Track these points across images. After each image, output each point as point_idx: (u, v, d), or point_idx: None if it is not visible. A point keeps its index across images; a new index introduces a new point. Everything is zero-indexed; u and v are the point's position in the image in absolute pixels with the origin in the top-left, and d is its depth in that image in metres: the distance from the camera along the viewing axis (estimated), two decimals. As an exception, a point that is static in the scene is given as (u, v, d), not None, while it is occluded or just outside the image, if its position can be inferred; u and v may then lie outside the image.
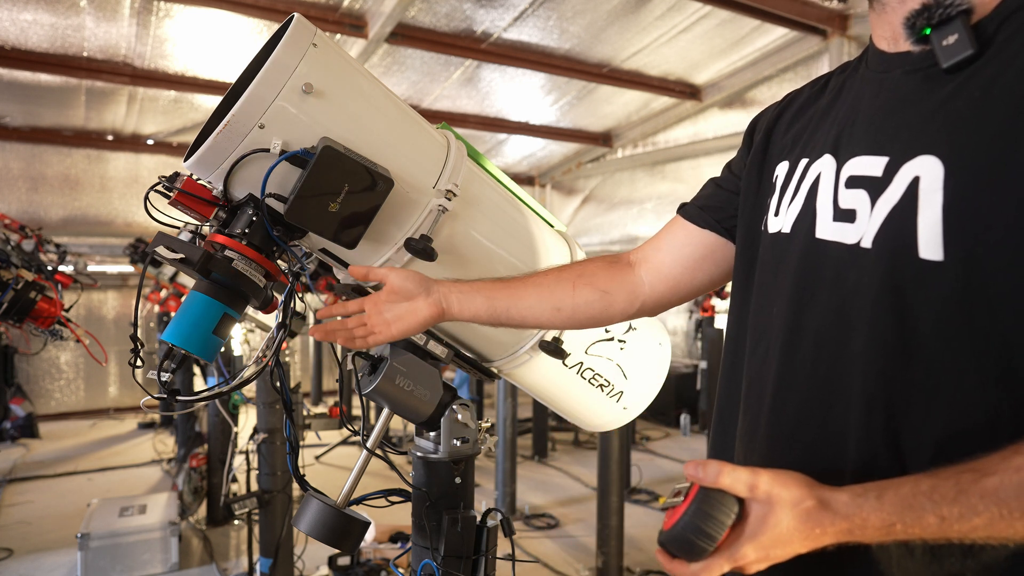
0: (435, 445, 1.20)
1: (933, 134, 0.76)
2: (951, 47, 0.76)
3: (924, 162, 0.75)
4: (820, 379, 0.83)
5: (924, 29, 0.79)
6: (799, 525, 0.69)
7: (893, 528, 0.66)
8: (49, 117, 6.29)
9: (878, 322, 0.77)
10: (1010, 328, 0.70)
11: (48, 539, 3.90)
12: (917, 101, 0.80)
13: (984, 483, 0.65)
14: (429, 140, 1.16)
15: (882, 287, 0.77)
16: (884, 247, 0.77)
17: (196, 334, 1.02)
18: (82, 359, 6.97)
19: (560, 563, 3.67)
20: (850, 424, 0.79)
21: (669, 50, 5.30)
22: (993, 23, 0.76)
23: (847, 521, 0.68)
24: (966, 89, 0.75)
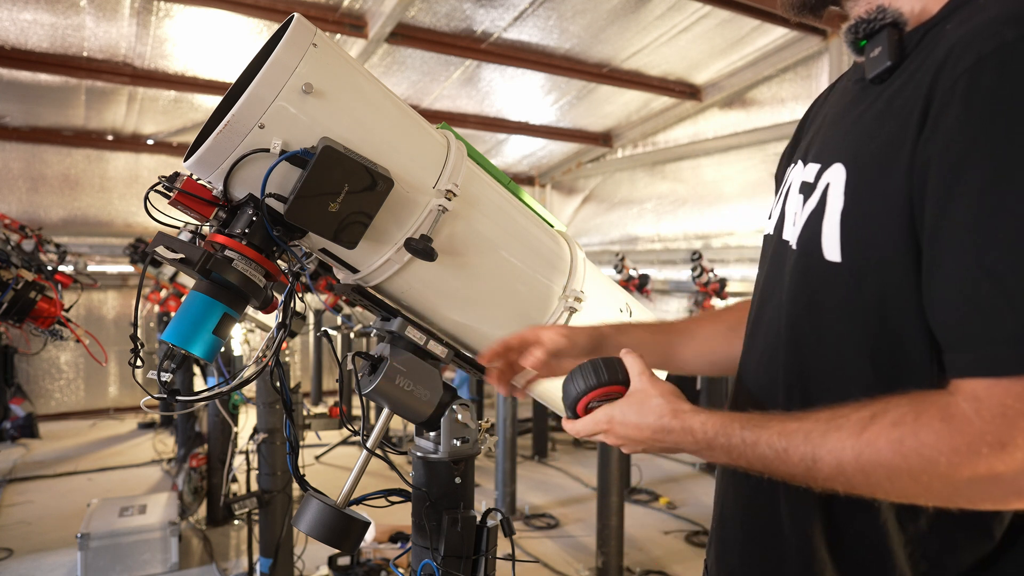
0: (435, 445, 1.20)
1: (845, 142, 0.81)
2: (875, 59, 0.79)
3: (836, 170, 0.80)
4: (763, 369, 0.90)
5: (861, 41, 0.82)
6: (652, 413, 0.84)
7: (714, 441, 0.78)
8: (49, 117, 6.29)
9: (795, 318, 0.84)
10: (895, 332, 0.73)
11: (48, 539, 3.90)
12: (851, 110, 0.85)
13: (787, 424, 0.74)
14: (429, 140, 1.16)
15: (797, 285, 0.83)
16: (802, 248, 0.83)
17: (196, 334, 1.02)
18: (82, 359, 6.97)
19: (560, 563, 3.67)
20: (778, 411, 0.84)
21: (669, 50, 5.30)
22: (917, 35, 0.78)
23: (680, 422, 0.81)
24: (879, 99, 0.78)
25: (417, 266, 1.14)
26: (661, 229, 7.26)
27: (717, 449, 0.78)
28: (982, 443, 0.62)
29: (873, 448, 0.67)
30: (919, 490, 0.66)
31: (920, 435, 0.65)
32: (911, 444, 0.65)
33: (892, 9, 0.80)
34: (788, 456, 0.72)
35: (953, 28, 0.72)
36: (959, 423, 0.63)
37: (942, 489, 0.65)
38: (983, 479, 0.63)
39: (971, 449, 0.62)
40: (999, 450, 0.61)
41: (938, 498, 0.67)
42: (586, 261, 1.38)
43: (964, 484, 0.64)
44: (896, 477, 0.66)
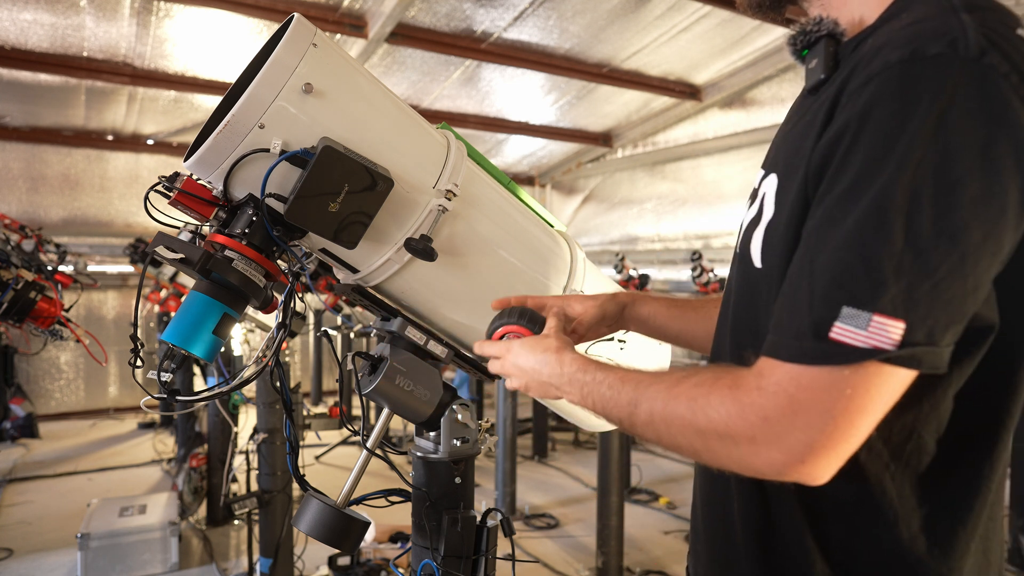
0: (435, 445, 1.20)
1: (780, 153, 0.83)
2: (812, 70, 0.81)
3: (770, 180, 0.82)
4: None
5: (803, 51, 0.83)
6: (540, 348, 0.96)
7: (575, 376, 0.90)
8: (49, 117, 6.29)
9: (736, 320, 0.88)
10: None
11: (48, 539, 3.90)
12: (792, 120, 0.87)
13: (630, 373, 0.84)
14: (429, 140, 1.16)
15: (738, 289, 0.87)
16: (741, 253, 0.87)
17: (196, 334, 1.02)
18: (82, 359, 6.97)
19: (560, 563, 3.68)
20: None
21: (669, 50, 5.30)
22: (850, 47, 0.79)
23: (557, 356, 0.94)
24: (808, 111, 0.79)
25: (417, 266, 1.14)
26: (661, 229, 7.26)
27: (576, 384, 0.90)
28: (751, 412, 0.68)
29: (676, 402, 0.75)
30: (702, 445, 0.73)
31: (711, 396, 0.72)
32: (701, 403, 0.73)
33: (828, 20, 0.81)
34: (619, 397, 0.83)
35: (870, 44, 0.73)
36: (741, 392, 0.70)
37: (718, 447, 0.72)
38: (745, 444, 0.69)
39: (742, 415, 0.69)
40: (762, 421, 0.68)
41: (715, 457, 0.73)
42: (586, 261, 1.38)
43: (733, 445, 0.70)
44: (688, 430, 0.74)
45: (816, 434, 0.65)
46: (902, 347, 0.62)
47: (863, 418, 0.65)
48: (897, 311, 0.62)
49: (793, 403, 0.66)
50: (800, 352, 0.66)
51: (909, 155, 0.63)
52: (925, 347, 0.63)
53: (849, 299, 0.64)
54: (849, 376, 0.64)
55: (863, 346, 0.63)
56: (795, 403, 0.66)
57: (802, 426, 0.66)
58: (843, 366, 0.64)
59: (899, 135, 0.64)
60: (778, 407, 0.67)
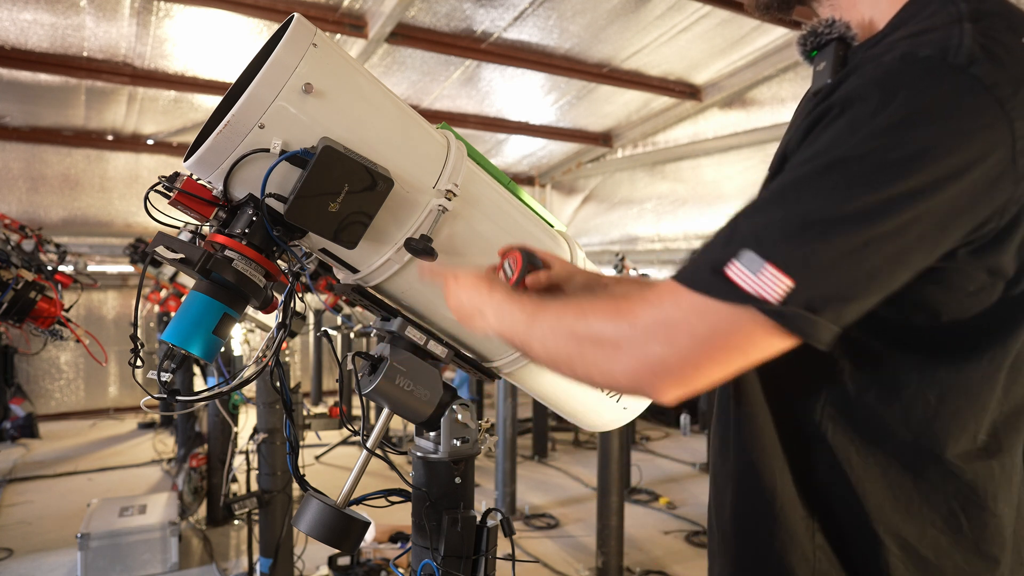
0: (435, 445, 1.20)
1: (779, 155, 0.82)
2: (820, 73, 0.81)
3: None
4: None
5: (812, 51, 0.83)
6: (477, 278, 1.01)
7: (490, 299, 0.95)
8: (49, 117, 6.29)
9: None
10: None
11: (48, 539, 3.90)
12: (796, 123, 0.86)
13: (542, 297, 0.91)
14: (429, 140, 1.16)
15: None
16: None
17: (196, 334, 1.02)
18: (82, 359, 6.97)
19: (560, 563, 3.68)
20: None
21: (669, 50, 5.30)
22: (860, 53, 0.78)
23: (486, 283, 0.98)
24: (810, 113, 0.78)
25: (417, 265, 1.14)
26: (661, 229, 7.25)
27: (492, 308, 0.93)
28: (626, 318, 0.72)
29: (567, 312, 0.80)
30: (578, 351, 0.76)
31: (598, 306, 0.77)
32: (588, 310, 0.77)
33: (840, 23, 0.80)
34: (521, 314, 0.87)
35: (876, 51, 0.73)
36: (628, 302, 0.73)
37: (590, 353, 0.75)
38: (609, 346, 0.72)
39: (617, 317, 0.73)
40: (630, 327, 0.71)
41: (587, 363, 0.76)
42: (586, 261, 1.38)
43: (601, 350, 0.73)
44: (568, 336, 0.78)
45: (675, 353, 0.68)
46: (784, 304, 0.63)
47: (724, 357, 0.68)
48: (789, 268, 0.63)
49: (666, 318, 0.69)
50: (692, 278, 0.68)
51: (867, 141, 0.64)
52: (806, 313, 0.64)
53: (754, 244, 0.65)
54: (727, 314, 0.66)
55: (748, 290, 0.64)
56: (667, 319, 0.69)
57: (664, 341, 0.68)
58: (724, 302, 0.66)
59: (867, 122, 0.65)
60: (650, 316, 0.70)
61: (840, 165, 0.65)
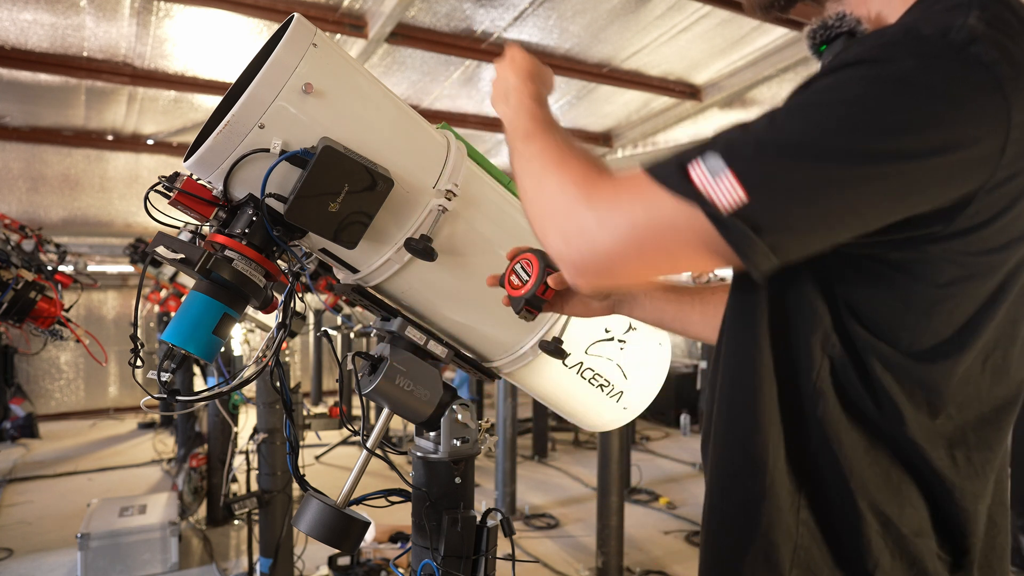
0: (435, 445, 1.20)
1: None
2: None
3: None
4: None
5: (821, 46, 0.83)
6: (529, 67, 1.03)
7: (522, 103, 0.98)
8: (49, 117, 6.29)
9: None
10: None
11: (48, 539, 3.90)
12: None
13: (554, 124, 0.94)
14: (429, 140, 1.16)
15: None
16: None
17: (196, 334, 1.02)
18: (82, 359, 6.97)
19: (560, 563, 3.67)
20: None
21: (669, 50, 5.30)
22: None
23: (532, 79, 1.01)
24: None
25: (417, 266, 1.14)
26: (661, 229, 7.25)
27: (515, 96, 0.98)
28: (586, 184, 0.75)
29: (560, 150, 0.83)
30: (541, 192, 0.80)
31: (578, 162, 0.79)
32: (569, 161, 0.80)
33: (851, 17, 0.80)
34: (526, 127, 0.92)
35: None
36: (600, 170, 0.77)
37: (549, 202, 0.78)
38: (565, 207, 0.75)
39: (578, 182, 0.75)
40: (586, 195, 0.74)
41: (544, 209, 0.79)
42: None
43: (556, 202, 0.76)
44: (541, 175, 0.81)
45: (609, 230, 0.70)
46: (730, 215, 0.64)
47: (651, 251, 0.70)
48: (747, 182, 0.64)
49: (616, 197, 0.71)
50: (656, 167, 0.70)
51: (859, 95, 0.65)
52: (747, 230, 0.64)
53: (724, 149, 0.67)
54: (671, 207, 0.67)
55: (700, 189, 0.65)
56: (618, 198, 0.71)
57: (605, 216, 0.71)
58: (673, 193, 0.67)
59: (858, 80, 0.66)
60: (604, 191, 0.72)
61: (829, 107, 0.66)
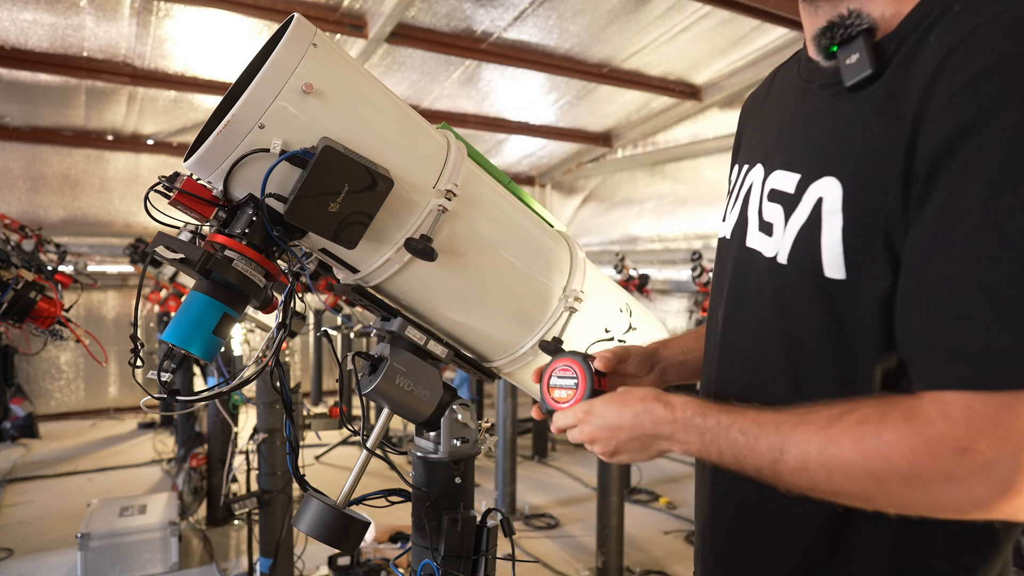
0: (435, 445, 1.20)
1: (835, 155, 0.78)
2: (853, 66, 0.77)
3: (827, 183, 0.76)
4: (745, 386, 0.87)
5: (831, 46, 0.80)
6: (634, 400, 0.84)
7: (691, 421, 0.79)
8: (49, 117, 6.29)
9: (795, 333, 0.80)
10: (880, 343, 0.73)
11: (48, 539, 3.90)
12: (825, 119, 0.82)
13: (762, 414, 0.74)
14: (429, 140, 1.16)
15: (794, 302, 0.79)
16: (795, 264, 0.79)
17: (196, 334, 1.02)
18: (82, 359, 6.97)
19: (560, 563, 3.67)
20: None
21: (669, 50, 5.30)
22: (893, 42, 0.76)
23: (663, 401, 0.82)
24: (863, 110, 0.75)
25: (417, 266, 1.14)
26: (661, 229, 7.25)
27: (693, 430, 0.79)
28: (942, 445, 0.61)
29: (836, 444, 0.67)
30: (879, 491, 0.66)
31: (882, 433, 0.64)
32: (872, 442, 0.65)
33: (866, 15, 0.78)
34: (758, 444, 0.73)
35: (937, 39, 0.71)
36: (922, 424, 0.63)
37: (901, 491, 0.65)
38: (940, 482, 0.62)
39: (931, 450, 0.62)
40: (959, 454, 0.61)
41: (898, 502, 0.66)
42: (586, 261, 1.38)
43: (922, 487, 0.63)
44: (856, 475, 0.66)
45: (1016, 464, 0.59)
46: None
47: None
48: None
49: (996, 430, 0.59)
50: (992, 376, 0.60)
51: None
52: None
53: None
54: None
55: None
56: (998, 430, 0.59)
57: (1010, 453, 0.59)
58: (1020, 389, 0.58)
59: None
60: (978, 436, 0.60)
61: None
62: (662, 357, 1.11)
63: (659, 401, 0.83)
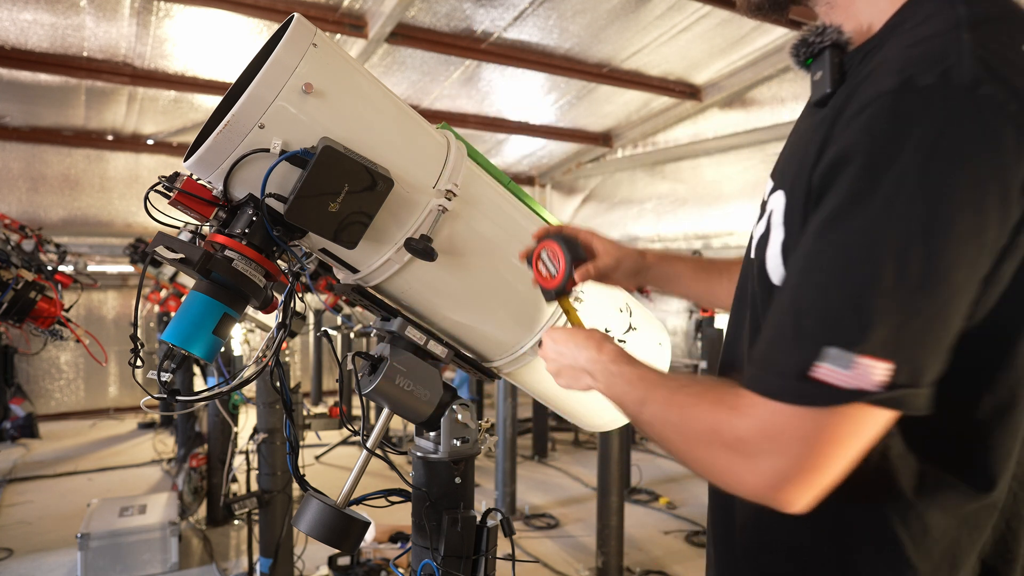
0: (435, 445, 1.20)
1: (787, 169, 0.81)
2: (818, 83, 0.78)
3: (778, 196, 0.80)
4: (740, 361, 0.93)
5: (807, 60, 0.81)
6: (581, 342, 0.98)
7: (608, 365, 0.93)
8: (49, 117, 6.29)
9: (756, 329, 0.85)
10: None
11: (48, 539, 3.90)
12: (795, 134, 0.86)
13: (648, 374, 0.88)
14: (429, 140, 1.16)
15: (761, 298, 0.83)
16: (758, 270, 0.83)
17: (196, 334, 1.02)
18: (82, 359, 6.97)
19: (560, 563, 3.68)
20: None
21: (669, 50, 5.30)
22: (857, 57, 0.76)
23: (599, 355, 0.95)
24: (816, 126, 0.76)
25: (417, 266, 1.14)
26: (661, 229, 7.26)
27: (606, 373, 0.93)
28: (729, 431, 0.70)
29: (671, 407, 0.80)
30: (687, 449, 0.77)
31: (699, 407, 0.76)
32: (691, 412, 0.77)
33: (832, 29, 0.78)
34: (634, 394, 0.87)
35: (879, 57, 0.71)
36: (723, 410, 0.72)
37: (700, 454, 0.75)
38: (722, 459, 0.72)
39: (720, 431, 0.72)
40: (737, 441, 0.70)
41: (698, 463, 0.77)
42: (586, 261, 1.37)
43: (711, 458, 0.73)
44: (675, 432, 0.78)
45: (790, 465, 0.66)
46: (887, 389, 0.61)
47: (841, 455, 0.65)
48: (883, 353, 0.61)
49: (770, 435, 0.67)
50: (782, 390, 0.66)
51: (897, 192, 0.62)
52: (909, 389, 0.62)
53: (834, 339, 0.63)
54: (830, 415, 0.64)
55: (846, 387, 0.62)
56: (772, 435, 0.66)
57: (777, 455, 0.66)
58: (825, 408, 0.63)
59: (887, 169, 0.62)
60: (755, 434, 0.68)
61: (883, 225, 0.62)
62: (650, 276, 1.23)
63: (597, 344, 0.97)
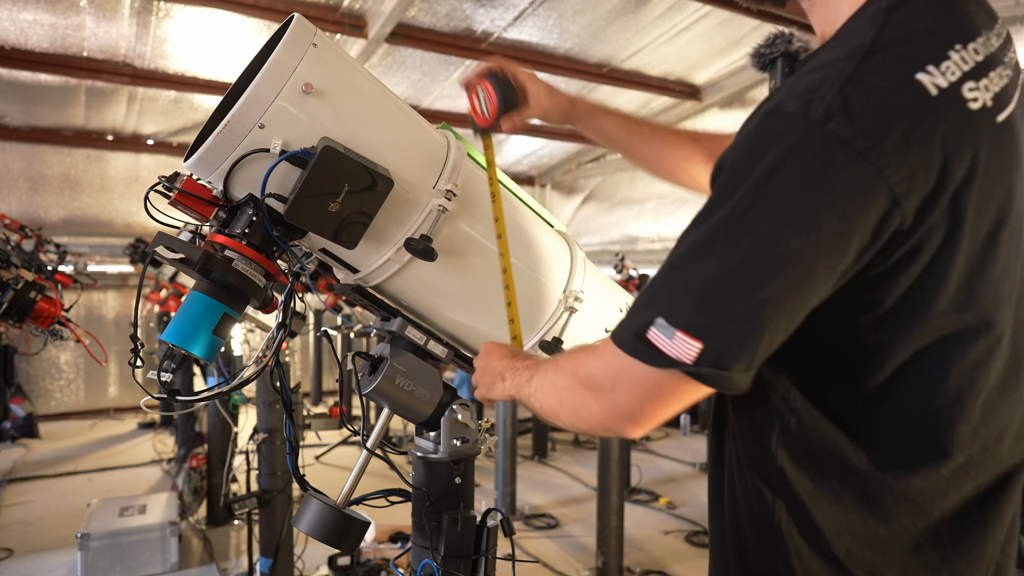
0: (435, 445, 1.20)
1: None
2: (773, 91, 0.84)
3: None
4: None
5: (767, 66, 0.84)
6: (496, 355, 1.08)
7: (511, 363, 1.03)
8: (49, 117, 6.29)
9: None
10: None
11: (48, 539, 3.90)
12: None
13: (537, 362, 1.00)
14: (429, 140, 1.16)
15: None
16: None
17: (196, 334, 1.02)
18: (82, 359, 6.97)
19: (560, 563, 3.67)
20: None
21: (669, 50, 5.30)
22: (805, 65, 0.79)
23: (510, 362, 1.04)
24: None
25: (417, 266, 1.14)
26: (661, 229, 7.25)
27: (512, 370, 1.02)
28: (584, 371, 0.84)
29: (552, 363, 0.94)
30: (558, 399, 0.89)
31: (568, 356, 0.90)
32: (561, 363, 0.91)
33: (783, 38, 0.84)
34: (525, 374, 0.98)
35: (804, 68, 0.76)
36: (587, 355, 0.85)
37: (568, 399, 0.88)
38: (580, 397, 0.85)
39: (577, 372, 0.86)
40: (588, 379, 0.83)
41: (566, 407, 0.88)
42: (586, 261, 1.38)
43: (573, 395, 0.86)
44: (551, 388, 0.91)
45: (629, 405, 0.79)
46: (696, 365, 0.70)
47: (668, 405, 0.78)
48: (695, 334, 0.70)
49: (613, 376, 0.79)
50: (625, 344, 0.77)
51: (741, 204, 0.69)
52: (715, 370, 0.70)
53: (665, 313, 0.72)
54: (655, 373, 0.75)
55: (668, 354, 0.72)
56: (614, 376, 0.79)
57: (618, 392, 0.79)
58: (650, 365, 0.74)
59: (741, 181, 0.70)
60: (603, 372, 0.81)
61: (724, 226, 0.70)
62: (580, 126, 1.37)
63: (508, 354, 1.06)
